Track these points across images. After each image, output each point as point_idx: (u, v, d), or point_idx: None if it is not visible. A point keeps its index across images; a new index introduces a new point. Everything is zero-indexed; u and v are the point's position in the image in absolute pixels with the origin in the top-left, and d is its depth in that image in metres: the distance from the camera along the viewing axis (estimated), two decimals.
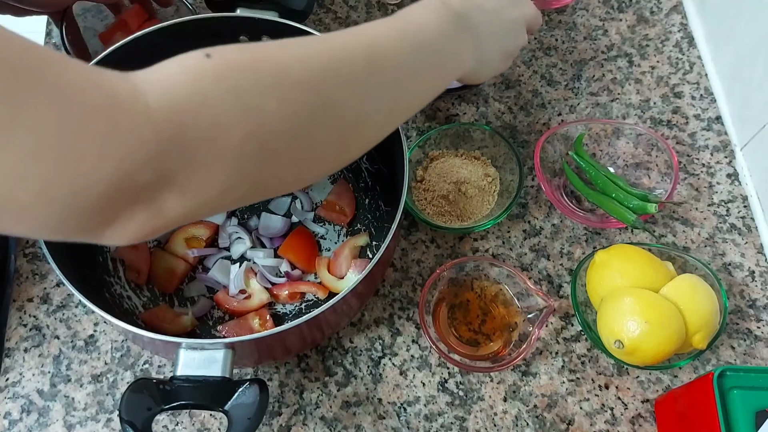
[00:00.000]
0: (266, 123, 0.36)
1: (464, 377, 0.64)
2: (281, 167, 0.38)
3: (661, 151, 0.71)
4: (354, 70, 0.41)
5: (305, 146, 0.39)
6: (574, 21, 0.84)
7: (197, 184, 0.34)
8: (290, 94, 0.37)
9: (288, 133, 0.37)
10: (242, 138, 0.35)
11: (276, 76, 0.37)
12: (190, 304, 0.66)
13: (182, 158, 0.33)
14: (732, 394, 0.51)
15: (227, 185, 0.36)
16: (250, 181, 0.37)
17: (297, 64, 0.38)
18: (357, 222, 0.71)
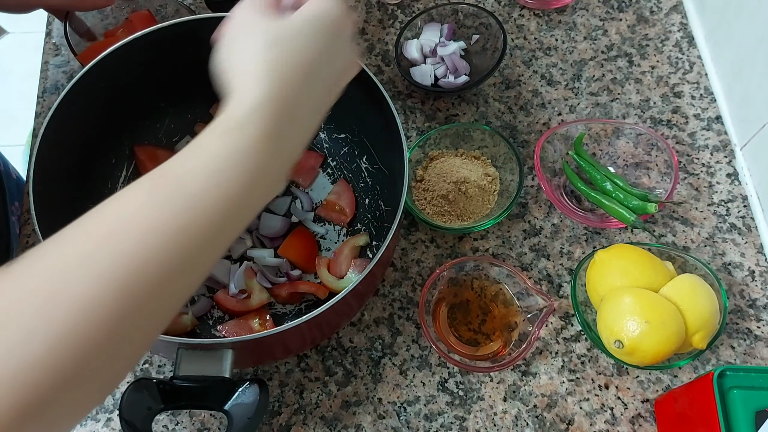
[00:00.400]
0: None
1: (464, 377, 0.64)
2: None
3: (661, 151, 0.71)
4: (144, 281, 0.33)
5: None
6: (574, 21, 0.84)
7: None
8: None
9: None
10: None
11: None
12: (189, 304, 0.66)
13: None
14: (732, 394, 0.51)
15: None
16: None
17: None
18: (357, 222, 0.71)
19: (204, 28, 0.64)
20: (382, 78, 0.80)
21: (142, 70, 0.65)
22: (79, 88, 0.59)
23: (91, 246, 0.32)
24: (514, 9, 0.85)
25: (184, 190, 0.36)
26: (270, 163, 0.40)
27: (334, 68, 0.45)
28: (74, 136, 0.61)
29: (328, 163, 0.74)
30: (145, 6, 0.77)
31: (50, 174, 0.57)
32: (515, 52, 0.82)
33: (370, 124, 0.68)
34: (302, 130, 0.43)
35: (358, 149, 0.73)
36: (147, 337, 0.35)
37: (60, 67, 0.80)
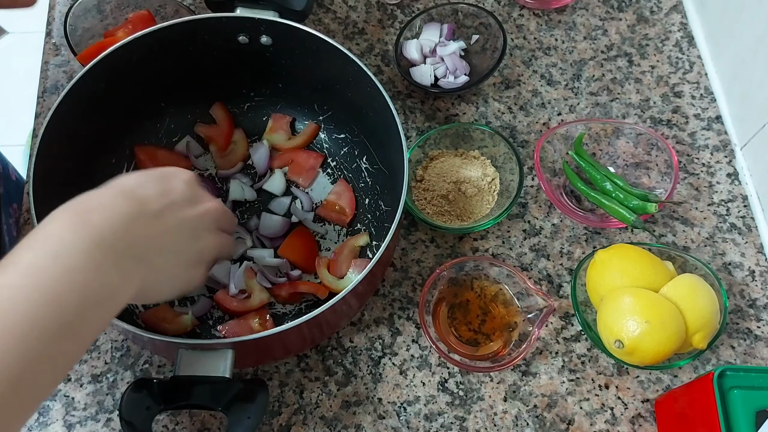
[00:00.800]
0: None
1: (464, 377, 0.64)
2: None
3: (661, 151, 0.71)
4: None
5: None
6: (574, 21, 0.84)
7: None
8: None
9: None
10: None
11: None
12: (190, 304, 0.66)
13: None
14: (732, 394, 0.51)
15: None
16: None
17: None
18: (357, 222, 0.71)
19: (204, 28, 0.65)
20: (382, 78, 0.80)
21: (142, 71, 0.65)
22: (79, 88, 0.59)
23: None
24: (514, 9, 0.85)
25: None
26: (107, 275, 0.40)
27: (183, 225, 0.47)
28: (74, 136, 0.61)
29: (328, 163, 0.74)
30: (145, 6, 0.77)
31: (50, 174, 0.57)
32: (515, 52, 0.82)
33: (370, 124, 0.68)
34: (152, 263, 0.44)
35: (358, 149, 0.73)
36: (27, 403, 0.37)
37: (60, 67, 0.80)
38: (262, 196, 0.72)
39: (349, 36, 0.83)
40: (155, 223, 0.45)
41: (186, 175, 0.49)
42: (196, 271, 0.50)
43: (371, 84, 0.62)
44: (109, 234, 0.41)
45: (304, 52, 0.66)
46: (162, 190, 0.46)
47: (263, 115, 0.75)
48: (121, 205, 0.43)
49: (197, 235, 0.48)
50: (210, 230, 0.50)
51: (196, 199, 0.49)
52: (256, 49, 0.67)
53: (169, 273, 0.47)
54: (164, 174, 0.48)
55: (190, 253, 0.48)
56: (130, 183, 0.46)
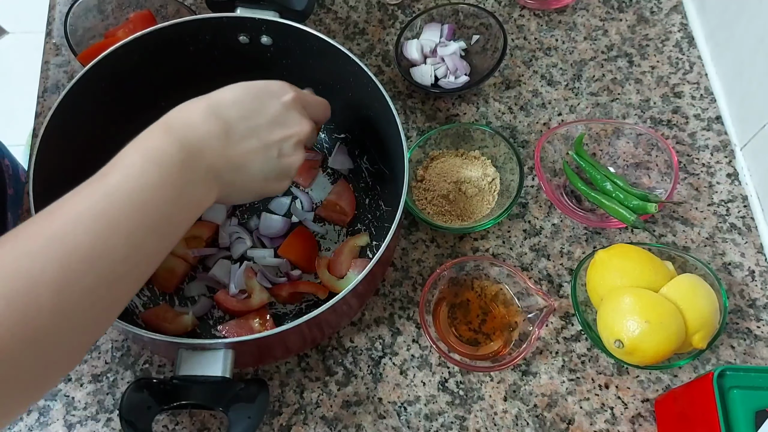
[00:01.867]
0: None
1: (464, 377, 0.64)
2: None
3: (661, 151, 0.71)
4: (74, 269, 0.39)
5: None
6: (574, 21, 0.84)
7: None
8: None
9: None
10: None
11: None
12: (190, 304, 0.67)
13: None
14: (732, 394, 0.52)
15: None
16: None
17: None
18: (357, 222, 0.71)
19: (204, 28, 0.65)
20: (383, 78, 0.80)
21: (143, 71, 0.65)
22: (80, 88, 0.59)
23: (35, 246, 0.39)
24: (515, 9, 0.85)
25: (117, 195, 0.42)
26: (191, 185, 0.46)
27: (267, 145, 0.51)
28: (74, 136, 0.61)
29: (328, 163, 0.74)
30: (145, 6, 0.77)
31: (50, 174, 0.57)
32: (515, 52, 0.82)
33: (370, 124, 0.68)
34: (230, 177, 0.49)
35: (358, 149, 0.73)
36: (94, 318, 0.41)
37: (60, 67, 0.80)
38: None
39: (349, 36, 0.83)
40: (239, 145, 0.49)
41: (285, 97, 0.52)
42: (279, 184, 0.53)
43: (372, 84, 0.62)
44: (195, 151, 0.46)
45: (304, 53, 0.66)
46: (254, 111, 0.50)
47: None
48: (210, 126, 0.47)
49: (282, 153, 0.52)
50: (296, 148, 0.53)
51: (287, 121, 0.52)
52: (257, 49, 0.67)
53: (248, 187, 0.51)
54: (264, 91, 0.51)
55: (272, 171, 0.52)
56: (226, 100, 0.49)
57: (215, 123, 0.48)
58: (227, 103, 0.49)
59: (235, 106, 0.49)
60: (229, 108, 0.49)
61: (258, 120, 0.50)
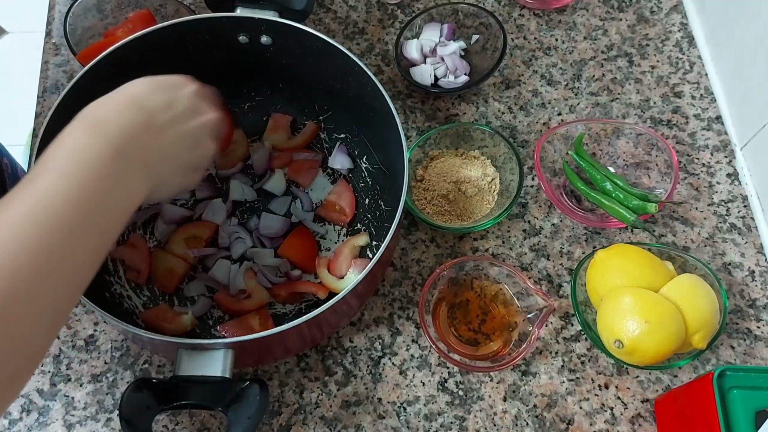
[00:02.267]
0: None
1: (464, 377, 0.64)
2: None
3: (661, 151, 0.71)
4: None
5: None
6: (574, 21, 0.84)
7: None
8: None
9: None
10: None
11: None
12: (190, 304, 0.66)
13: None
14: (732, 394, 0.51)
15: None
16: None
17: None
18: (357, 222, 0.71)
19: (204, 28, 0.65)
20: (382, 78, 0.80)
21: (142, 70, 0.64)
22: (79, 88, 0.59)
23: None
24: (514, 9, 0.85)
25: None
26: (123, 178, 0.45)
27: (185, 134, 0.51)
28: None
29: (327, 163, 0.74)
30: (145, 6, 0.77)
31: None
32: (515, 52, 0.82)
33: (370, 124, 0.68)
34: (156, 169, 0.48)
35: (358, 149, 0.73)
36: (59, 294, 0.41)
37: (60, 66, 0.80)
38: (262, 196, 0.72)
39: (349, 36, 0.83)
40: (162, 134, 0.48)
41: (192, 86, 0.52)
42: (195, 175, 0.54)
43: (371, 84, 0.62)
44: (123, 144, 0.45)
45: (304, 52, 0.66)
46: (168, 101, 0.49)
47: (263, 115, 0.75)
48: (133, 116, 0.46)
49: (198, 144, 0.52)
50: (209, 138, 0.53)
51: (199, 110, 0.52)
52: (256, 49, 0.67)
53: (172, 178, 0.51)
54: (171, 83, 0.51)
55: (190, 161, 0.52)
56: (139, 91, 0.49)
57: (138, 113, 0.47)
58: (144, 93, 0.49)
59: (153, 96, 0.49)
60: (148, 98, 0.48)
61: (175, 110, 0.50)
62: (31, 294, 0.38)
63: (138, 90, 0.49)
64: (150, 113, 0.48)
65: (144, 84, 0.50)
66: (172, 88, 0.51)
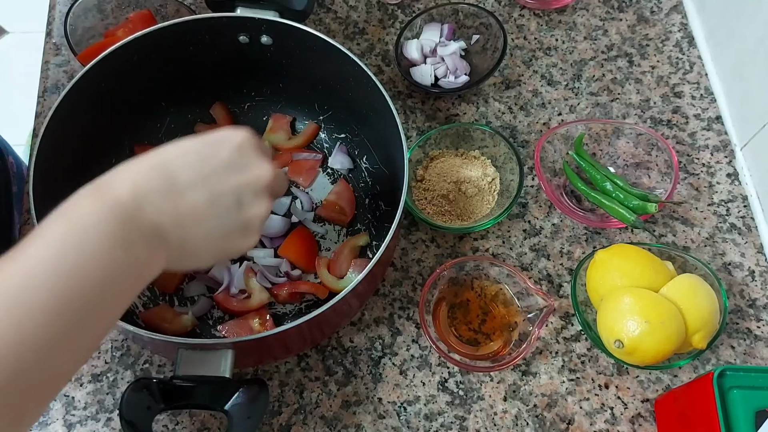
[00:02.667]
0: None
1: (464, 377, 0.64)
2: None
3: (661, 151, 0.71)
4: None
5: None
6: (574, 21, 0.84)
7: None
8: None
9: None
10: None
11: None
12: (190, 304, 0.66)
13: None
14: (732, 394, 0.51)
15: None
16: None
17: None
18: (357, 222, 0.71)
19: (204, 28, 0.65)
20: (382, 78, 0.80)
21: (143, 70, 0.65)
22: (80, 88, 0.59)
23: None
24: (515, 9, 0.85)
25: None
26: (133, 252, 0.40)
27: (225, 193, 0.44)
28: (74, 136, 0.61)
29: (328, 163, 0.74)
30: (145, 6, 0.77)
31: (50, 174, 0.57)
32: (515, 52, 0.82)
33: (370, 124, 0.68)
34: (183, 237, 0.43)
35: (358, 149, 0.73)
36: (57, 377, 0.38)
37: (60, 66, 0.80)
38: None
39: (349, 36, 0.83)
40: (187, 197, 0.42)
41: (238, 139, 0.45)
42: (244, 240, 0.46)
43: (371, 84, 0.62)
44: (134, 210, 0.40)
45: (304, 52, 0.66)
46: (204, 158, 0.44)
47: (263, 115, 0.75)
48: (150, 180, 0.41)
49: (241, 203, 0.45)
50: (258, 197, 0.45)
51: (244, 165, 0.45)
52: (257, 49, 0.67)
53: (205, 246, 0.44)
54: (213, 140, 0.45)
55: (231, 223, 0.45)
56: (170, 154, 0.43)
57: (156, 177, 0.42)
58: (173, 154, 0.43)
59: (182, 157, 0.43)
60: (175, 159, 0.43)
61: (208, 167, 0.43)
62: (14, 371, 0.34)
63: (168, 150, 0.44)
64: (171, 175, 0.42)
65: (179, 144, 0.44)
66: (216, 142, 0.45)
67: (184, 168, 0.43)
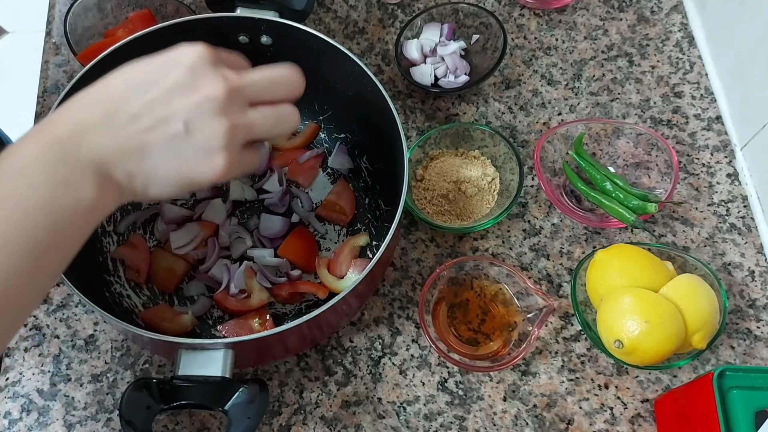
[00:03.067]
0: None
1: (464, 377, 0.64)
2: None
3: (661, 151, 0.71)
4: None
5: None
6: (575, 20, 0.84)
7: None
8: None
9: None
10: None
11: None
12: (189, 304, 0.66)
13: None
14: (732, 394, 0.51)
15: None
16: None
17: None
18: (357, 222, 0.71)
19: (204, 28, 0.65)
20: (382, 78, 0.80)
21: None
22: (79, 88, 0.58)
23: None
24: (515, 9, 0.85)
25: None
26: (69, 182, 0.39)
27: (168, 116, 0.42)
28: None
29: (327, 163, 0.74)
30: (145, 5, 0.77)
31: None
32: (515, 51, 0.82)
33: (370, 124, 0.68)
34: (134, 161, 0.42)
35: (358, 149, 0.73)
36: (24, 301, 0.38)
37: (60, 66, 0.80)
38: (262, 196, 0.72)
39: (349, 35, 0.83)
40: (129, 128, 0.40)
41: (189, 57, 0.42)
42: (207, 165, 0.42)
43: (371, 84, 0.62)
44: (73, 148, 0.39)
45: (304, 52, 0.66)
46: (147, 85, 0.41)
47: None
48: (89, 116, 0.40)
49: (190, 127, 0.41)
50: (213, 117, 0.42)
51: (193, 85, 0.41)
52: (257, 49, 0.67)
53: (162, 175, 0.42)
54: (162, 62, 0.42)
55: (184, 150, 0.42)
56: (113, 84, 0.42)
57: (96, 110, 0.40)
58: (116, 83, 0.42)
59: (125, 84, 0.42)
60: (117, 89, 0.41)
61: (151, 94, 0.41)
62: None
63: (112, 80, 0.42)
64: (113, 104, 0.40)
65: (126, 70, 0.42)
66: (162, 65, 0.42)
67: (126, 97, 0.41)
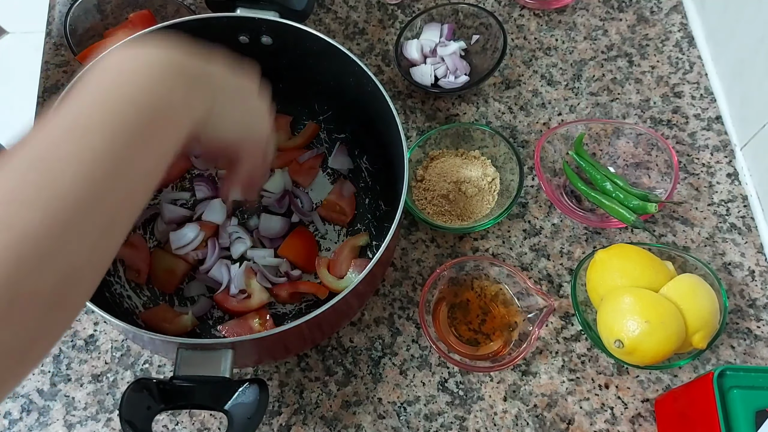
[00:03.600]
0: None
1: (464, 377, 0.64)
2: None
3: (661, 151, 0.71)
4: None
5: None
6: (574, 21, 0.84)
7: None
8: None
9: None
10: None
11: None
12: (190, 304, 0.66)
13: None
14: (732, 394, 0.51)
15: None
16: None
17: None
18: (357, 222, 0.71)
19: (204, 28, 0.65)
20: (382, 78, 0.80)
21: None
22: None
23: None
24: (514, 9, 0.85)
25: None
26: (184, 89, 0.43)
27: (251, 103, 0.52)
28: None
29: (327, 163, 0.74)
30: (145, 6, 0.77)
31: None
32: (515, 52, 0.82)
33: (370, 124, 0.68)
34: (219, 98, 0.47)
35: (358, 149, 0.73)
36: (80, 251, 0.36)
37: (60, 66, 0.80)
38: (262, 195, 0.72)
39: (349, 36, 0.83)
40: (209, 69, 0.46)
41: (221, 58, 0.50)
42: (260, 122, 0.53)
43: (372, 84, 0.62)
44: (177, 58, 0.43)
45: (304, 52, 0.66)
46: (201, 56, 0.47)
47: None
48: (174, 48, 0.44)
49: (261, 114, 0.53)
50: (267, 118, 0.54)
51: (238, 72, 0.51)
52: (257, 49, 0.67)
53: (231, 111, 0.48)
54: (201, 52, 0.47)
55: (248, 102, 0.51)
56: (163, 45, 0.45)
57: (176, 50, 0.44)
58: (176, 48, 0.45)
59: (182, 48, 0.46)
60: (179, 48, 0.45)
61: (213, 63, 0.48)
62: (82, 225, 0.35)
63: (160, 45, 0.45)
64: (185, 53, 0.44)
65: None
66: (204, 54, 0.47)
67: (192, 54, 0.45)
